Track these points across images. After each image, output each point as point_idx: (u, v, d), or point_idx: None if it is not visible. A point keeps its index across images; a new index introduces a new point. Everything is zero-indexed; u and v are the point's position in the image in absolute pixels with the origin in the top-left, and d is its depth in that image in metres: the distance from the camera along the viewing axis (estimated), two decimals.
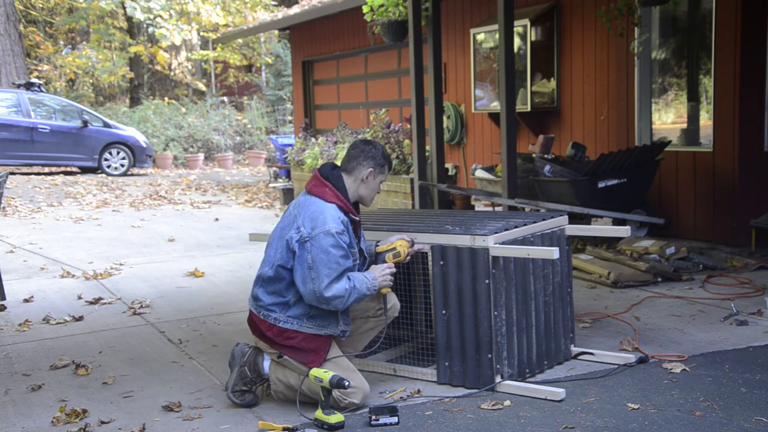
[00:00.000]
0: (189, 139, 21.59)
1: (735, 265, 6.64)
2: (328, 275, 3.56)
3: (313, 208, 3.66)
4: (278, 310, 3.70)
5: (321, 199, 3.68)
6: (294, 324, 3.68)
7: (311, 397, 3.68)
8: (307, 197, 3.74)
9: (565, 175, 7.37)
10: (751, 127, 7.23)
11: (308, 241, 3.58)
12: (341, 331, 3.75)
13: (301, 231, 3.61)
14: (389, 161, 3.88)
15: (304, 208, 3.69)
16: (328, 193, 3.69)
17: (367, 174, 3.78)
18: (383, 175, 3.86)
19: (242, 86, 27.98)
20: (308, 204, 3.70)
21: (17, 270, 7.45)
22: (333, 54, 14.82)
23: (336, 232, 3.57)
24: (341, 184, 3.74)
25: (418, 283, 4.44)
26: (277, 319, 3.70)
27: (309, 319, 3.69)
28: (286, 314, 3.69)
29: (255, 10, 23.64)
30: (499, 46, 6.84)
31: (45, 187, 14.52)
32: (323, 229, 3.57)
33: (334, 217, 3.62)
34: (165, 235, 9.52)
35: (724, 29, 7.25)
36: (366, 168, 3.77)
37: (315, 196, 3.71)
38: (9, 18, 19.65)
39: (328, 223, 3.59)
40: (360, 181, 3.78)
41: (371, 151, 3.80)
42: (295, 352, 3.70)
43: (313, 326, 3.69)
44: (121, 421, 3.67)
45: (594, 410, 3.60)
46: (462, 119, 11.11)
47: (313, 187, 3.75)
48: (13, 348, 4.94)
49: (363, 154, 3.80)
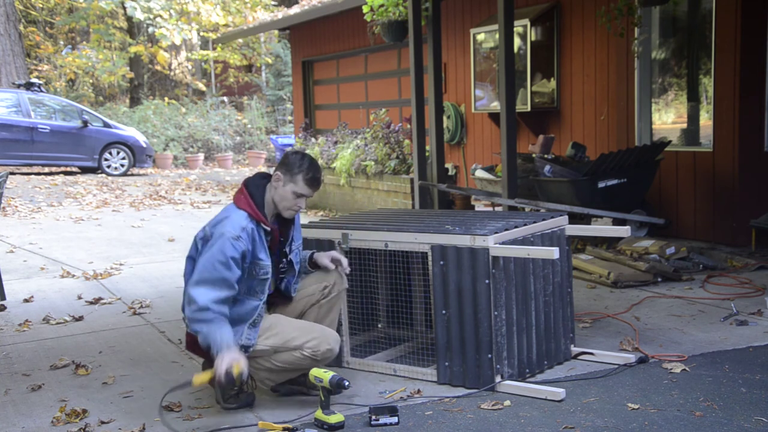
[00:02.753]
0: (189, 139, 21.59)
1: (735, 265, 6.64)
2: (199, 273, 3.52)
3: (223, 212, 3.67)
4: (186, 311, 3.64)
5: (234, 205, 3.68)
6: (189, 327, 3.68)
7: (290, 369, 3.72)
8: (229, 205, 3.76)
9: (565, 175, 7.37)
10: (751, 127, 7.23)
11: (207, 240, 3.60)
12: (241, 346, 3.59)
13: (205, 230, 3.65)
14: (305, 173, 3.65)
15: (221, 214, 3.70)
16: (241, 200, 3.68)
17: (276, 178, 3.70)
18: (295, 185, 3.65)
19: (242, 86, 27.98)
20: (224, 209, 3.72)
21: (17, 270, 7.44)
22: (333, 54, 14.82)
23: (230, 237, 3.51)
24: (259, 193, 3.70)
25: (418, 283, 4.44)
26: (185, 318, 3.67)
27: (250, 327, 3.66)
28: None
29: (255, 10, 23.65)
30: (499, 46, 6.84)
31: (45, 187, 14.52)
32: (220, 230, 3.56)
33: (236, 223, 3.57)
34: (165, 235, 9.52)
35: (724, 29, 7.25)
36: (277, 172, 3.70)
37: (232, 203, 3.73)
38: (9, 18, 19.65)
39: (226, 226, 3.56)
40: (272, 186, 3.72)
41: (290, 159, 3.69)
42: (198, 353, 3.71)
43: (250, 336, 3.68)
44: (121, 421, 3.66)
45: (594, 410, 3.60)
46: (462, 119, 11.11)
47: (235, 194, 3.77)
48: (13, 348, 4.94)
49: (283, 159, 3.74)
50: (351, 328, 4.35)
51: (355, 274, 4.32)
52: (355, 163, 11.01)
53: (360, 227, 4.24)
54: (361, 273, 4.34)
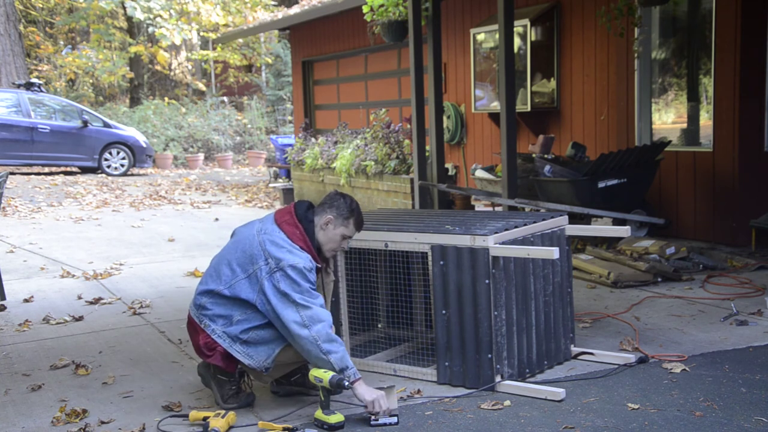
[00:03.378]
0: (189, 139, 21.59)
1: (735, 265, 6.64)
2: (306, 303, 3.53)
3: (281, 243, 3.64)
4: (220, 323, 3.68)
5: (289, 238, 3.66)
6: (225, 341, 3.67)
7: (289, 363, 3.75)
8: (275, 229, 3.70)
9: (565, 175, 7.37)
10: (751, 127, 7.23)
11: (276, 271, 3.58)
12: (264, 368, 3.67)
13: (270, 262, 3.60)
14: (356, 217, 3.78)
15: (270, 240, 3.65)
16: (297, 236, 3.68)
17: (326, 221, 3.74)
18: (346, 228, 3.76)
19: (242, 86, 27.98)
20: (275, 238, 3.66)
21: (17, 270, 7.44)
22: (333, 54, 14.82)
23: (304, 267, 3.57)
24: (311, 229, 3.73)
25: (418, 283, 4.44)
26: (214, 331, 3.69)
27: (242, 344, 3.67)
28: (223, 329, 3.68)
29: (255, 10, 23.64)
30: (499, 46, 6.84)
31: (45, 187, 14.52)
32: (292, 262, 3.56)
33: (304, 257, 3.61)
34: (165, 235, 9.52)
35: (724, 29, 7.25)
36: (327, 215, 3.74)
37: (283, 232, 3.69)
38: (9, 18, 19.65)
39: (298, 259, 3.58)
40: (320, 226, 3.75)
41: (338, 201, 3.76)
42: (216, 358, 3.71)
43: (240, 352, 3.67)
44: (121, 421, 3.67)
45: (594, 410, 3.60)
46: (462, 119, 11.11)
47: (284, 223, 3.72)
48: (13, 348, 4.94)
49: (330, 201, 3.78)
50: (351, 328, 4.35)
51: (355, 274, 4.32)
52: (355, 163, 11.01)
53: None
54: (361, 273, 4.34)
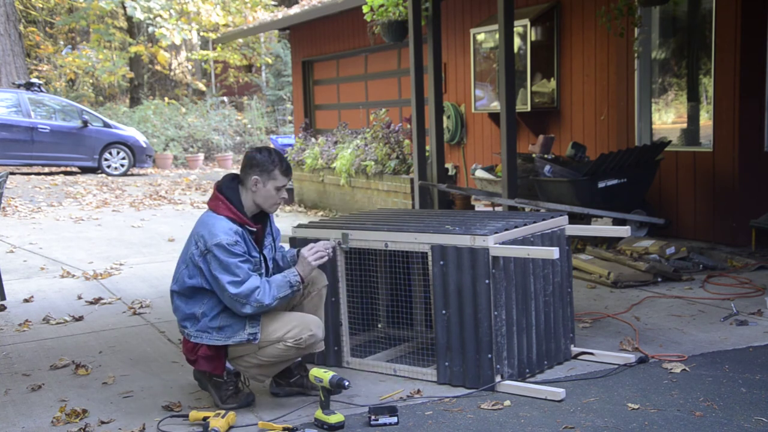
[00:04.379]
0: (189, 139, 21.59)
1: (735, 265, 6.64)
2: (230, 281, 3.57)
3: (207, 221, 3.69)
4: (189, 325, 3.73)
5: (214, 212, 3.71)
6: (203, 338, 3.70)
7: (278, 361, 3.74)
8: (205, 212, 3.79)
9: (565, 175, 7.37)
10: (751, 127, 7.23)
11: (207, 254, 3.62)
12: (248, 335, 3.70)
13: (199, 245, 3.65)
14: (279, 166, 3.73)
15: (200, 223, 3.73)
16: (220, 207, 3.71)
17: (253, 182, 3.73)
18: (276, 180, 3.73)
19: (242, 86, 27.98)
20: (204, 219, 3.74)
21: (17, 270, 7.44)
22: (333, 54, 14.81)
23: (227, 243, 3.59)
24: (235, 196, 3.73)
25: (418, 283, 4.44)
26: (189, 334, 3.74)
27: (218, 331, 3.70)
28: (194, 329, 3.71)
29: (255, 10, 23.65)
30: (499, 46, 6.84)
31: (45, 187, 14.53)
32: (214, 241, 3.60)
33: (225, 229, 3.63)
34: (165, 235, 9.52)
35: (724, 29, 7.25)
36: (251, 176, 3.73)
37: (210, 210, 3.75)
38: (9, 18, 19.65)
39: (219, 235, 3.60)
40: (250, 190, 3.75)
41: (256, 158, 3.73)
42: (201, 363, 3.74)
43: (219, 338, 3.70)
44: (121, 421, 3.67)
45: (594, 410, 3.60)
46: (462, 119, 11.11)
47: (209, 202, 3.79)
48: (13, 348, 4.94)
49: (249, 162, 3.75)
50: (351, 328, 4.35)
51: (355, 274, 4.32)
52: (355, 163, 11.01)
53: (360, 227, 4.24)
54: (361, 273, 4.34)
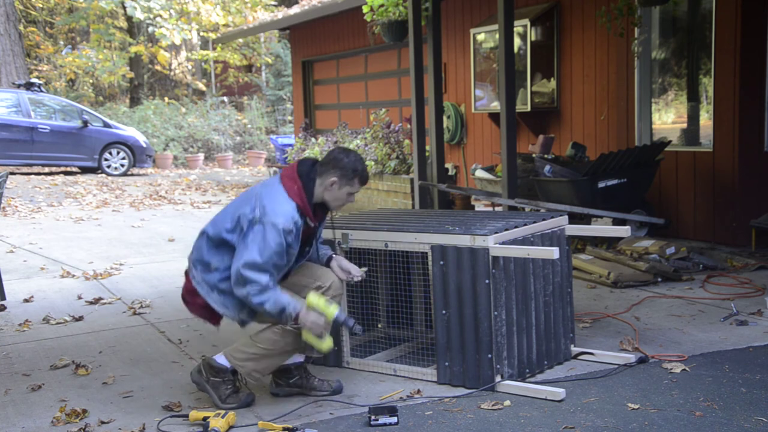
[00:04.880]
0: (189, 139, 21.59)
1: (735, 265, 6.64)
2: (253, 262, 3.55)
3: (275, 196, 3.66)
4: (200, 270, 3.74)
5: (286, 192, 3.68)
6: (204, 289, 3.72)
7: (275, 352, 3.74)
8: (276, 184, 3.73)
9: (565, 175, 7.37)
10: (751, 127, 7.23)
11: (257, 224, 3.59)
12: (240, 320, 3.74)
13: (255, 212, 3.62)
14: (361, 175, 3.76)
15: (267, 192, 3.69)
16: (294, 191, 3.68)
17: (331, 183, 3.73)
18: (352, 187, 3.76)
19: (242, 86, 27.98)
20: (273, 191, 3.69)
21: (17, 270, 7.44)
22: (333, 54, 14.82)
23: (283, 229, 3.57)
24: (310, 186, 3.73)
25: (418, 283, 4.44)
26: (195, 277, 3.76)
27: (219, 293, 3.71)
28: (201, 276, 3.73)
29: (255, 10, 23.65)
30: (499, 46, 6.84)
31: (45, 187, 14.53)
32: (272, 220, 3.57)
33: (288, 215, 3.60)
34: (165, 235, 9.52)
35: (724, 29, 7.25)
36: (331, 176, 3.73)
37: (282, 186, 3.70)
38: (9, 18, 19.65)
39: (280, 217, 3.58)
40: (324, 187, 3.75)
41: (342, 161, 3.73)
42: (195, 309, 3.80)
43: (217, 301, 3.72)
44: (121, 421, 3.67)
45: (594, 410, 3.60)
46: (462, 119, 11.11)
47: (286, 177, 3.74)
48: (13, 348, 4.94)
49: (333, 161, 3.75)
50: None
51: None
52: None
53: (360, 227, 4.24)
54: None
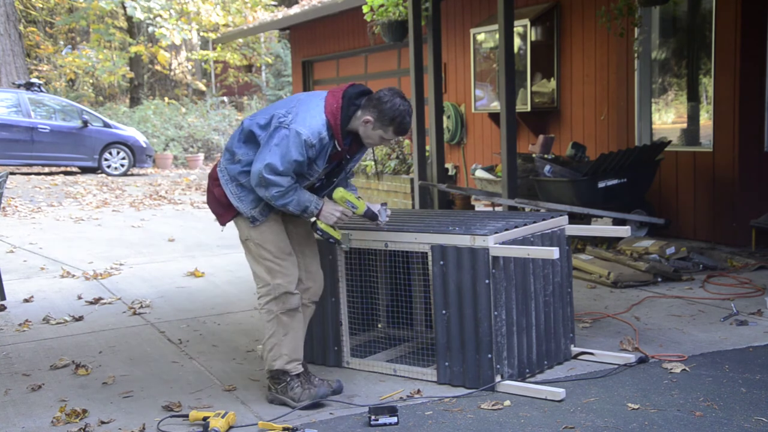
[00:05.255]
0: (189, 139, 21.58)
1: (735, 265, 6.64)
2: (274, 163, 3.54)
3: (312, 107, 3.63)
4: (227, 157, 3.76)
5: (324, 105, 3.63)
6: (224, 177, 3.74)
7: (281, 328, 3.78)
8: (320, 96, 3.69)
9: (565, 175, 7.37)
10: (751, 127, 7.23)
11: (284, 128, 3.58)
12: (251, 216, 3.72)
13: (287, 116, 3.60)
14: (397, 125, 3.64)
15: (306, 100, 3.67)
16: (332, 107, 3.63)
17: (365, 120, 3.67)
18: (385, 132, 3.67)
19: (242, 86, 27.98)
20: (312, 101, 3.66)
21: (17, 270, 7.44)
22: (333, 54, 14.82)
23: (305, 140, 3.54)
24: (350, 111, 3.66)
25: (418, 283, 4.44)
26: (220, 163, 3.79)
27: (237, 186, 3.72)
28: (226, 164, 3.75)
29: (255, 10, 23.65)
30: (499, 46, 6.84)
31: (45, 187, 14.53)
32: (298, 128, 3.55)
33: (315, 129, 3.56)
34: (165, 235, 9.52)
35: (724, 29, 7.25)
36: (368, 114, 3.66)
37: (323, 100, 3.66)
38: (9, 18, 19.65)
39: (306, 128, 3.55)
40: (360, 121, 3.68)
41: (383, 105, 3.62)
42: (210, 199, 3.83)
43: (233, 192, 3.72)
44: (121, 421, 3.67)
45: (594, 410, 3.60)
46: (462, 119, 11.11)
47: (331, 93, 3.69)
48: (13, 348, 4.94)
49: (376, 100, 3.65)
50: (351, 328, 4.35)
51: (355, 274, 4.32)
52: None
53: (360, 227, 4.24)
54: (361, 273, 4.34)
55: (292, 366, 3.78)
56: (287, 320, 3.77)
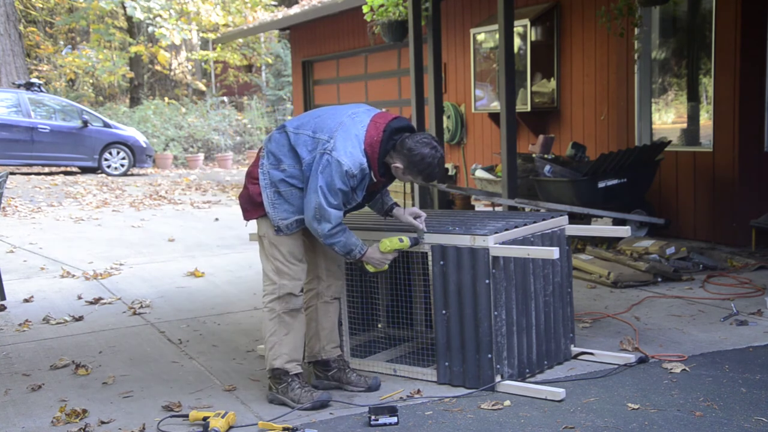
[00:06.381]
0: (189, 139, 21.58)
1: (735, 265, 6.64)
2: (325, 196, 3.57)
3: (352, 136, 3.61)
4: (271, 160, 3.74)
5: (364, 136, 3.63)
6: (264, 180, 3.73)
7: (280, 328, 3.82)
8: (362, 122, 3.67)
9: (565, 175, 7.37)
10: (751, 127, 7.23)
11: (327, 154, 3.58)
12: (277, 226, 3.73)
13: (330, 143, 3.59)
14: (425, 175, 3.71)
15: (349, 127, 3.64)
16: (373, 140, 3.63)
17: (395, 166, 3.72)
18: (414, 178, 3.75)
19: (242, 86, 27.98)
20: (354, 127, 3.64)
21: (17, 270, 7.44)
22: (333, 54, 14.82)
23: (346, 170, 3.56)
24: (388, 146, 3.67)
25: (418, 283, 4.44)
26: (263, 165, 3.76)
27: (275, 192, 3.72)
28: (269, 167, 3.73)
29: (255, 10, 23.65)
30: (499, 46, 6.84)
31: (45, 187, 14.53)
32: (340, 158, 3.55)
33: (357, 161, 3.58)
34: (165, 235, 9.52)
35: (724, 29, 7.25)
36: (398, 161, 3.70)
37: (365, 129, 3.65)
38: (9, 18, 19.64)
39: (348, 159, 3.56)
40: (392, 162, 3.72)
41: (414, 156, 3.66)
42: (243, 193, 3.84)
43: (270, 197, 3.72)
44: (121, 421, 3.67)
45: (594, 410, 3.60)
46: (462, 119, 11.11)
47: (373, 122, 3.68)
48: (13, 348, 4.94)
49: (408, 150, 3.67)
50: (351, 328, 4.35)
51: (355, 274, 4.32)
52: None
53: (360, 227, 4.24)
54: (361, 273, 4.34)
55: (292, 366, 3.80)
56: (289, 320, 3.79)
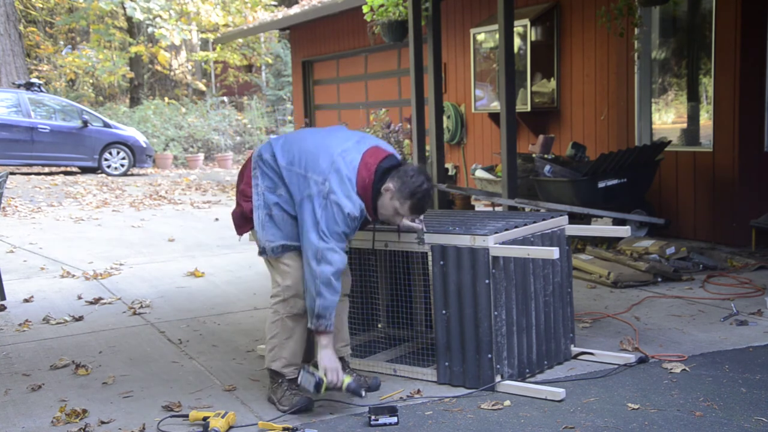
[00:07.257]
0: (189, 139, 21.58)
1: (735, 265, 6.64)
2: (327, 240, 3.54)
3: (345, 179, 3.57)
4: (267, 183, 3.72)
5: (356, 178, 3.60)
6: (258, 200, 3.72)
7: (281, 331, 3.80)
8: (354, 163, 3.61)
9: (565, 175, 7.37)
10: (751, 127, 7.23)
11: (326, 199, 3.55)
12: (262, 247, 3.74)
13: (326, 185, 3.56)
14: (414, 202, 3.65)
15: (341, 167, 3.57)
16: (365, 182, 3.60)
17: (386, 188, 3.65)
18: (401, 206, 3.67)
19: (242, 86, 27.98)
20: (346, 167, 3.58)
21: (17, 270, 7.44)
22: (333, 54, 14.82)
23: (348, 213, 3.56)
24: (378, 187, 3.65)
25: (418, 283, 4.44)
26: (258, 185, 3.74)
27: (267, 215, 3.71)
28: (266, 191, 3.71)
29: (255, 10, 23.65)
30: (499, 46, 6.84)
31: (45, 187, 14.53)
32: (341, 200, 3.54)
33: (357, 203, 3.57)
34: (165, 235, 9.52)
35: (724, 29, 7.25)
36: (390, 183, 3.65)
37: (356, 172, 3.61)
38: (9, 18, 19.65)
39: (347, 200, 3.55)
40: (382, 189, 3.67)
41: (407, 179, 3.63)
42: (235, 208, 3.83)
43: (259, 218, 3.72)
44: (121, 421, 3.66)
45: (594, 410, 3.60)
46: (462, 119, 11.11)
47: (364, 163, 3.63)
48: (13, 348, 4.94)
49: (402, 173, 3.65)
50: (351, 328, 4.35)
51: (355, 274, 4.32)
52: None
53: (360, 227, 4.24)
54: (361, 273, 4.34)
55: (289, 370, 3.81)
56: (291, 324, 3.78)
